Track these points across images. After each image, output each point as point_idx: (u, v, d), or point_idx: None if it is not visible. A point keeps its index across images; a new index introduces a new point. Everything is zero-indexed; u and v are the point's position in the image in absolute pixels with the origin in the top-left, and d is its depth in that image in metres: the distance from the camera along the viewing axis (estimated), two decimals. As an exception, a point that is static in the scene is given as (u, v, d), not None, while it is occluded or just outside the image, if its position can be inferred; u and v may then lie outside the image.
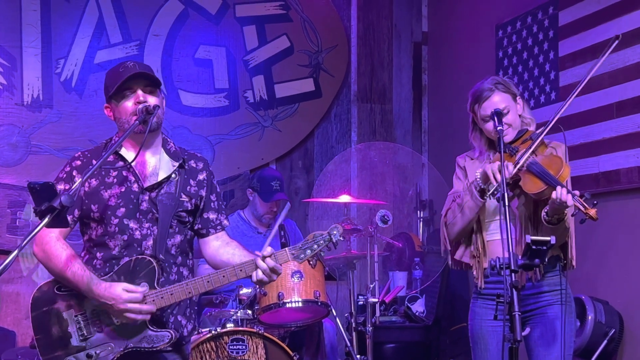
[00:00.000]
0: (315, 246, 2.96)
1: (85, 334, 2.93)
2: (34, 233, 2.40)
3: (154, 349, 2.95)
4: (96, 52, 5.83)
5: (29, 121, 5.66)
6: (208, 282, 2.94)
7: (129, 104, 3.01)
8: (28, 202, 5.53)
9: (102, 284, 2.89)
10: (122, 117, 3.03)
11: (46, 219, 2.44)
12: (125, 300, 2.85)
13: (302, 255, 2.96)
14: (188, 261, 3.15)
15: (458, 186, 3.52)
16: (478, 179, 3.27)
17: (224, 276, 2.94)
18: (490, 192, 3.18)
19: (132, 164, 3.02)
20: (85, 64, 5.79)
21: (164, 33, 6.01)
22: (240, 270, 2.94)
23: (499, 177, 3.12)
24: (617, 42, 3.31)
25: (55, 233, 2.98)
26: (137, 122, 2.92)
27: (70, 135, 5.73)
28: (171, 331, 2.96)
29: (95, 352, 2.92)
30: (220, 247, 3.16)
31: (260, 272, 2.91)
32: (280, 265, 2.94)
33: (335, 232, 2.97)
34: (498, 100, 3.36)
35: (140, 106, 2.96)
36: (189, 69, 6.07)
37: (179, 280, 3.04)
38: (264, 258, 2.90)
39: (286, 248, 2.97)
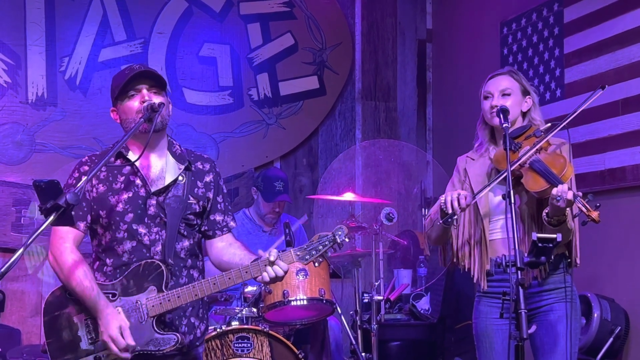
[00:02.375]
0: (320, 247, 2.96)
1: (95, 338, 2.93)
2: (39, 231, 2.39)
3: (161, 352, 2.94)
4: (100, 50, 5.83)
5: (34, 119, 5.66)
6: (214, 284, 2.94)
7: (134, 103, 2.99)
8: (33, 200, 5.52)
9: (107, 309, 2.89)
10: (128, 117, 3.01)
11: (52, 217, 2.44)
12: (111, 337, 2.84)
13: (307, 257, 2.95)
14: (198, 263, 3.14)
15: (449, 192, 3.54)
16: (441, 203, 3.30)
17: (229, 278, 2.94)
18: (444, 218, 3.27)
19: (136, 163, 3.01)
20: (89, 62, 5.79)
21: (168, 31, 6.00)
22: (246, 272, 2.94)
23: (456, 205, 3.21)
24: (601, 92, 3.31)
25: (69, 243, 2.97)
26: (142, 119, 2.91)
27: (75, 134, 5.73)
28: (177, 335, 2.96)
29: (104, 356, 2.92)
30: (224, 248, 3.16)
31: (266, 275, 2.91)
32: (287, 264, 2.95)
33: (339, 233, 2.96)
34: (504, 81, 3.40)
35: (145, 104, 2.94)
36: (193, 67, 6.07)
37: (190, 282, 3.03)
38: (271, 264, 2.90)
39: (291, 249, 2.97)
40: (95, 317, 2.90)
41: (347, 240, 2.98)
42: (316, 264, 2.94)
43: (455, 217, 3.25)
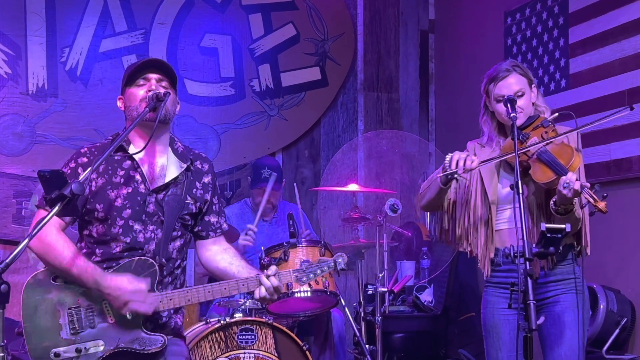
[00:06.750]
0: (319, 271, 3.09)
1: (77, 328, 2.86)
2: (45, 221, 2.37)
3: (145, 352, 2.91)
4: (101, 40, 5.79)
5: (34, 110, 5.63)
6: (209, 292, 2.96)
7: (140, 91, 2.98)
8: (34, 192, 5.51)
9: (108, 275, 2.85)
10: (131, 104, 2.99)
11: (57, 207, 2.41)
12: (131, 291, 2.82)
13: (305, 279, 3.06)
14: (183, 262, 3.14)
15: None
16: (446, 162, 3.27)
17: (225, 288, 2.98)
18: (443, 174, 3.25)
19: (137, 157, 2.97)
20: (90, 53, 5.76)
21: (170, 21, 5.97)
22: (243, 285, 2.99)
23: (461, 165, 3.19)
24: (627, 111, 3.27)
25: (55, 225, 2.88)
26: (147, 108, 2.88)
27: (75, 125, 5.70)
28: (164, 336, 2.94)
29: (85, 347, 2.85)
30: (218, 252, 3.17)
31: (263, 290, 2.96)
32: (283, 284, 3.02)
33: (340, 261, 3.10)
34: (514, 81, 3.33)
35: (151, 93, 2.93)
36: (194, 58, 6.04)
37: (173, 282, 3.03)
38: (268, 277, 2.96)
39: (290, 269, 3.07)
40: (98, 290, 2.83)
41: (345, 268, 3.14)
42: (321, 251, 3.09)
43: (456, 175, 3.24)
